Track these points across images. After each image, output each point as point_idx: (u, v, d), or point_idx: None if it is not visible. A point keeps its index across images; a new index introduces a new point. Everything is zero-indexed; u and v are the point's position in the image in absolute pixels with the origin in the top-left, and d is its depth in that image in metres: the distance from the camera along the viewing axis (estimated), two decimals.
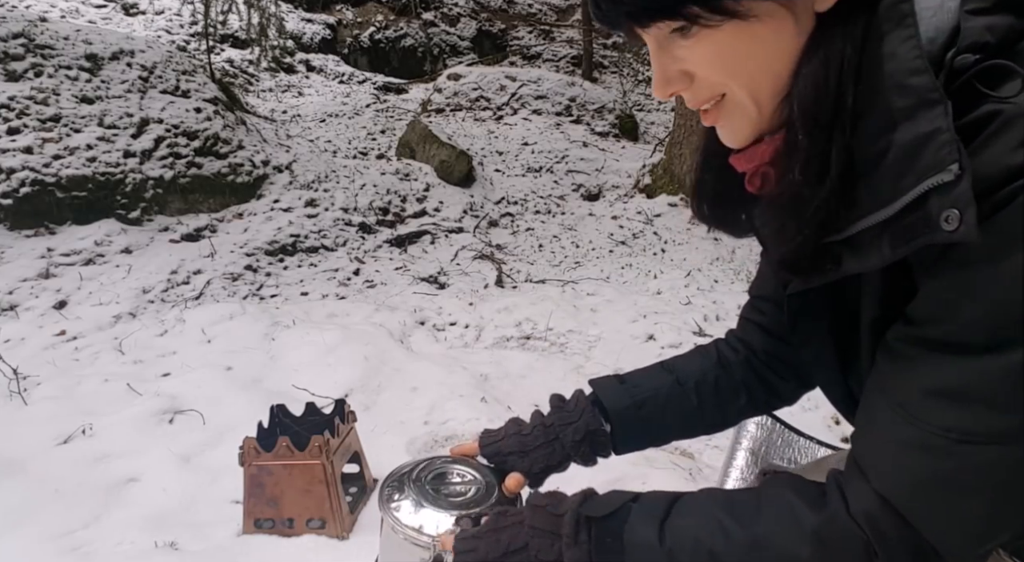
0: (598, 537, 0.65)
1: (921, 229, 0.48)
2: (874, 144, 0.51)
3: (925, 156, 0.47)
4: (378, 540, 0.85)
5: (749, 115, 0.59)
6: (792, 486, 0.62)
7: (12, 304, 3.23)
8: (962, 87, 0.48)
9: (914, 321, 0.53)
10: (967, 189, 0.45)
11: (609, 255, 4.82)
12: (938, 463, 0.51)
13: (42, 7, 7.29)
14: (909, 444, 0.52)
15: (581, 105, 7.81)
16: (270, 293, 3.82)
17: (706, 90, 0.60)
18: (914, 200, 0.48)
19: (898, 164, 0.49)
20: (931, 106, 0.47)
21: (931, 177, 0.47)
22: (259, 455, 1.72)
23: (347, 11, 10.38)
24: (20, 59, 4.03)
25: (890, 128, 0.50)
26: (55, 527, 1.76)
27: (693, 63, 0.58)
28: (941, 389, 0.50)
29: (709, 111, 0.62)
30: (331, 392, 2.44)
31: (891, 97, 0.50)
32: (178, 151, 4.31)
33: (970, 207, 0.45)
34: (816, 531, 0.56)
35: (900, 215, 0.50)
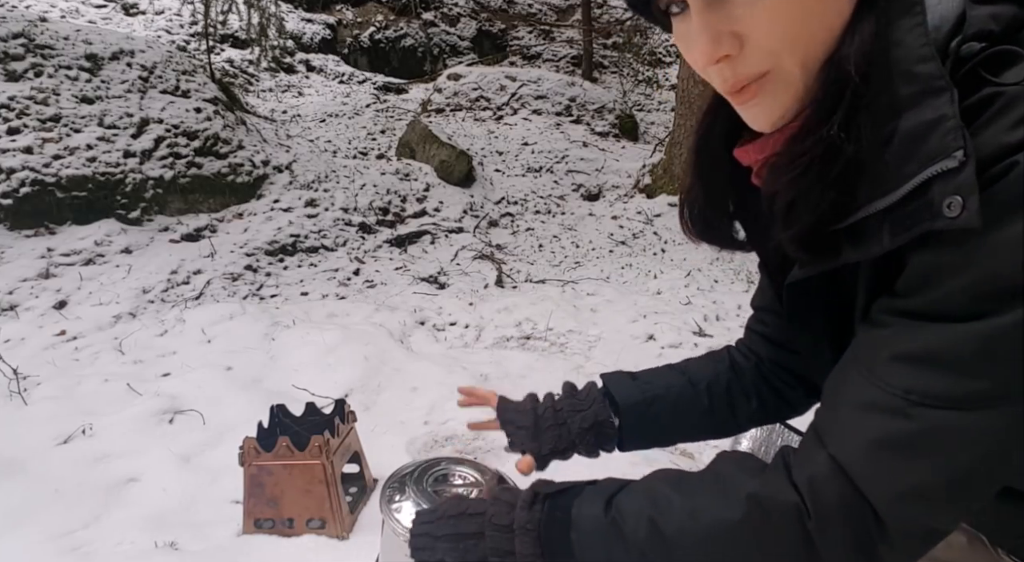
0: (549, 510, 0.66)
1: (923, 216, 0.48)
2: (877, 132, 0.51)
3: (930, 143, 0.47)
4: (378, 540, 0.84)
5: (795, 89, 0.55)
6: (737, 459, 0.63)
7: (12, 304, 3.23)
8: (967, 75, 0.48)
9: (898, 293, 0.53)
10: (971, 175, 0.45)
11: (609, 255, 4.82)
12: (896, 424, 0.50)
13: (42, 7, 7.29)
14: (870, 405, 0.52)
15: (581, 105, 7.81)
16: (270, 293, 3.82)
17: (755, 61, 0.55)
18: (917, 187, 0.48)
19: (902, 151, 0.49)
20: (937, 94, 0.47)
21: (935, 164, 0.47)
22: (259, 455, 1.72)
23: (347, 11, 10.38)
24: (20, 59, 4.03)
25: (895, 115, 0.49)
26: (55, 527, 1.76)
27: (750, 23, 0.53)
28: (909, 353, 0.50)
29: (747, 89, 0.57)
30: (331, 392, 2.44)
31: (897, 84, 0.49)
32: (178, 151, 4.31)
33: (973, 194, 0.45)
34: (750, 495, 0.56)
35: (902, 203, 0.49)
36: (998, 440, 0.48)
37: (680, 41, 0.60)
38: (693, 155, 0.72)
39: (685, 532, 0.59)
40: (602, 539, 0.63)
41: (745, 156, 0.64)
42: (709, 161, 0.70)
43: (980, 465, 0.49)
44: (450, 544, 0.68)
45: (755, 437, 1.28)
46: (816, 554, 0.54)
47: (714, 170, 0.70)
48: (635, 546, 0.61)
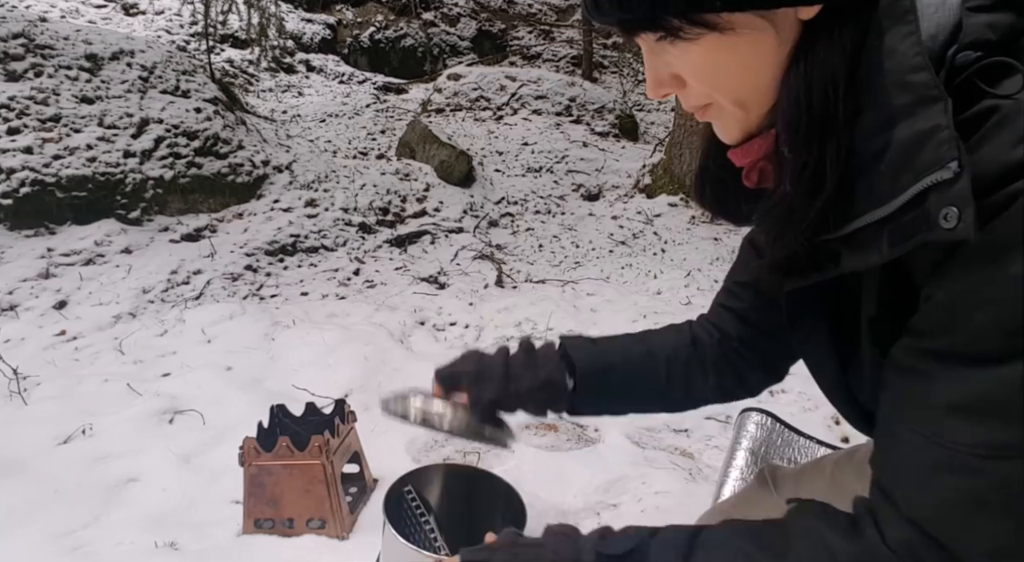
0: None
1: (920, 227, 0.48)
2: (873, 141, 0.51)
3: (924, 153, 0.47)
4: (378, 540, 0.85)
5: (737, 119, 0.61)
6: (823, 516, 0.60)
7: (12, 304, 3.23)
8: (963, 84, 0.48)
9: (922, 333, 0.52)
10: (966, 187, 0.45)
11: (609, 255, 4.82)
12: (969, 482, 0.49)
13: (42, 7, 7.29)
14: (937, 466, 0.50)
15: (581, 105, 7.81)
16: (270, 293, 3.82)
17: (694, 97, 0.61)
18: (913, 198, 0.48)
19: (897, 161, 0.49)
20: (931, 103, 0.47)
21: (930, 175, 0.46)
22: (259, 455, 1.72)
23: (347, 11, 10.38)
24: (20, 59, 4.03)
25: (889, 125, 0.50)
26: (55, 527, 1.76)
27: (683, 70, 0.59)
28: (961, 404, 0.49)
29: (699, 114, 0.63)
30: (331, 392, 2.44)
31: (891, 94, 0.50)
32: (178, 151, 4.31)
33: (969, 206, 0.45)
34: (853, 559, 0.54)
35: (899, 213, 0.49)
36: None
37: None
38: (704, 141, 0.74)
39: None
40: None
41: (735, 158, 0.66)
42: (719, 149, 0.71)
43: None
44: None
45: (755, 437, 1.28)
46: None
47: (724, 157, 0.71)
48: None
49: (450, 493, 1.47)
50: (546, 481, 2.02)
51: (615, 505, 1.94)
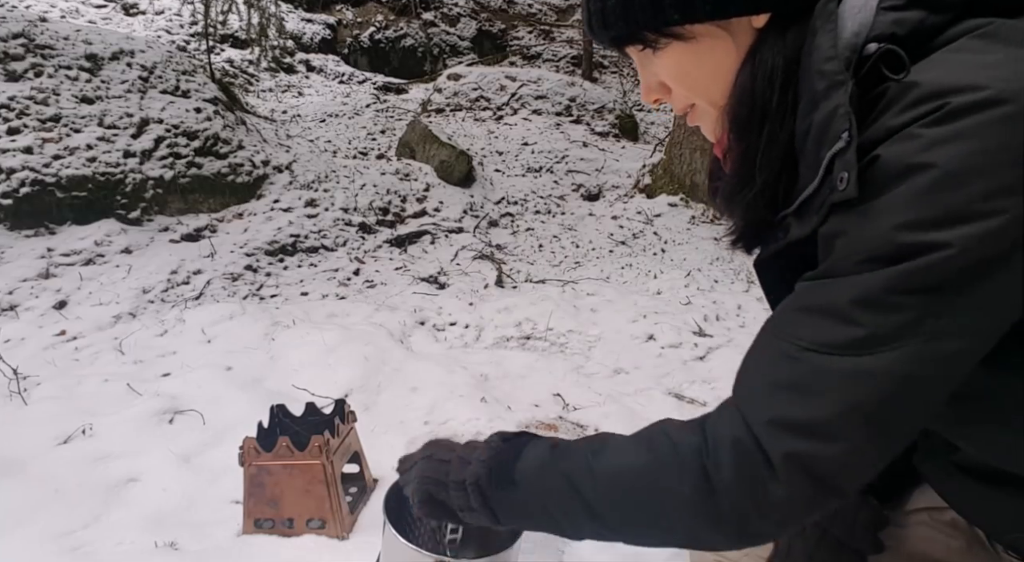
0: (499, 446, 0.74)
1: (827, 192, 0.56)
2: (803, 124, 0.59)
3: (832, 129, 0.55)
4: (378, 540, 0.85)
5: (713, 117, 0.70)
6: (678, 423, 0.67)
7: (12, 304, 3.23)
8: (869, 71, 0.55)
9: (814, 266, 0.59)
10: (853, 153, 0.53)
11: (609, 255, 4.82)
12: (784, 365, 0.56)
13: (42, 7, 7.29)
14: (768, 355, 0.59)
15: (581, 105, 7.82)
16: (270, 293, 3.82)
17: (679, 100, 0.71)
18: (825, 168, 0.56)
19: (816, 138, 0.57)
20: (838, 87, 0.55)
21: (833, 146, 0.55)
22: (259, 455, 1.72)
23: (347, 11, 10.38)
24: (20, 59, 4.03)
25: (813, 108, 0.58)
26: (55, 527, 1.76)
27: (663, 76, 0.70)
28: (804, 306, 0.57)
29: (687, 116, 0.74)
30: (331, 392, 2.44)
31: (814, 82, 0.58)
32: (178, 151, 4.31)
33: (854, 168, 0.53)
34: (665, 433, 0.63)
35: (822, 182, 0.57)
36: (878, 386, 0.52)
37: None
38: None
39: (616, 467, 0.64)
40: (539, 469, 0.68)
41: (716, 149, 0.76)
42: None
43: (860, 408, 0.53)
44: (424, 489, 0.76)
45: None
46: (712, 491, 0.57)
47: None
48: (566, 478, 0.66)
49: None
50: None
51: None
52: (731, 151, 0.67)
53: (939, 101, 0.50)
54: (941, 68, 0.52)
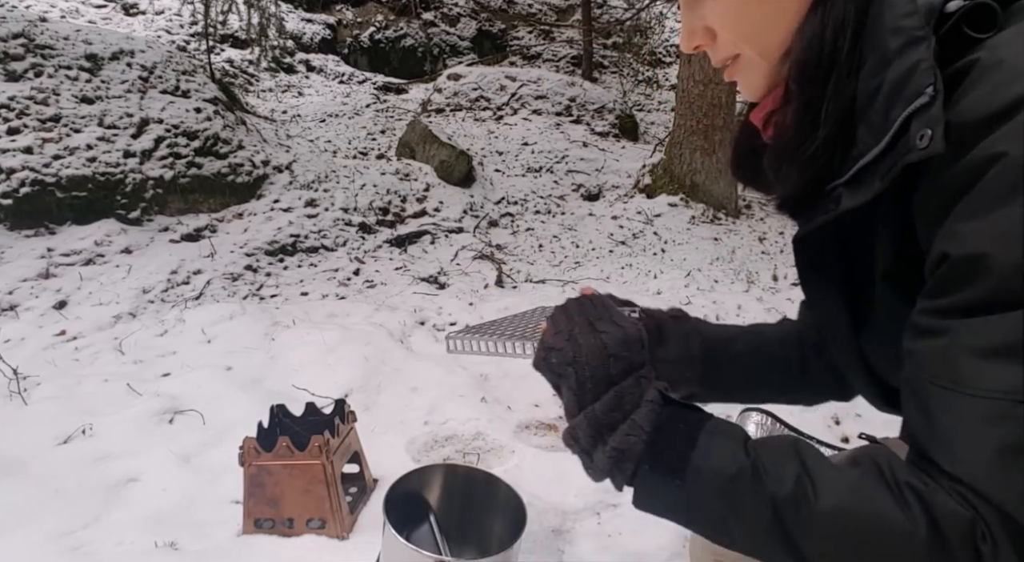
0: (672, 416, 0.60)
1: (902, 152, 0.52)
2: (870, 83, 0.56)
3: (910, 86, 0.52)
4: (378, 540, 0.85)
5: (761, 71, 0.66)
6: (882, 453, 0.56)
7: (12, 304, 3.23)
8: (951, 30, 0.53)
9: (938, 292, 0.51)
10: (939, 108, 0.49)
11: (609, 255, 4.82)
12: (1007, 429, 0.47)
13: (42, 7, 7.29)
14: (973, 419, 0.48)
15: (581, 105, 7.81)
16: (270, 293, 3.82)
17: (724, 49, 0.67)
18: (899, 128, 0.52)
19: (888, 98, 0.54)
20: (918, 43, 0.53)
21: (913, 103, 0.51)
22: (259, 455, 1.72)
23: (347, 11, 10.38)
24: (20, 59, 4.03)
25: (884, 67, 0.55)
26: (55, 527, 1.76)
27: (715, 22, 0.65)
28: (988, 349, 0.47)
29: (727, 69, 0.69)
30: (331, 392, 2.44)
31: (887, 40, 0.55)
32: (178, 151, 4.31)
33: (939, 124, 0.49)
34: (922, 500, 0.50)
35: (890, 145, 0.53)
36: None
37: None
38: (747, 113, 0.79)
39: (841, 511, 0.52)
40: (730, 479, 0.56)
41: (754, 117, 0.72)
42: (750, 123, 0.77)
43: None
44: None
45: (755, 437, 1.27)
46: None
47: (752, 127, 0.76)
48: (769, 501, 0.54)
49: (450, 493, 1.47)
50: (546, 481, 2.02)
51: (615, 505, 1.94)
52: (789, 104, 0.62)
53: None
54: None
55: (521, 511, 1.31)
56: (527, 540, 1.70)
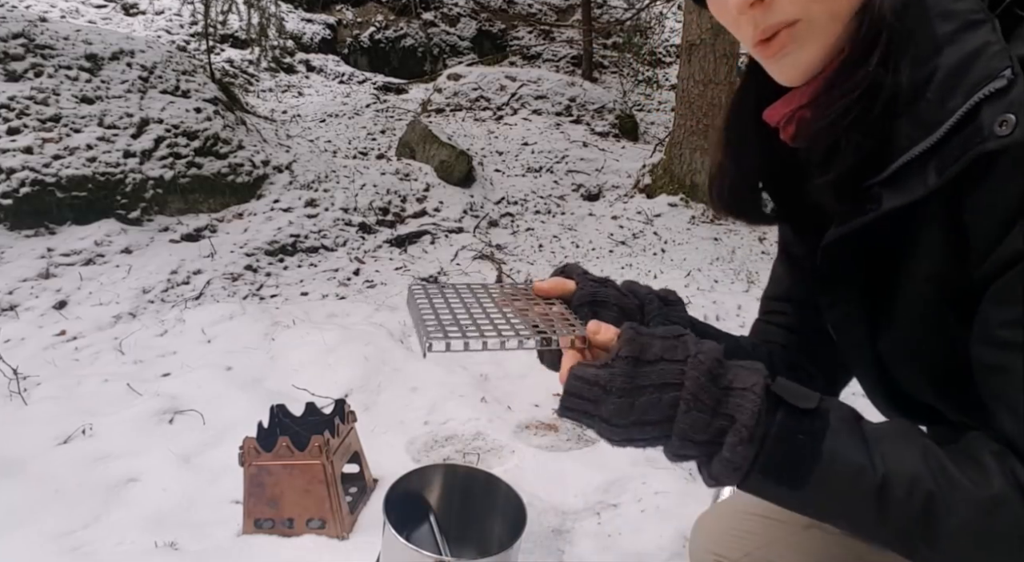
0: (790, 427, 0.52)
1: (972, 142, 0.46)
2: (917, 73, 0.51)
3: (975, 71, 0.47)
4: (378, 540, 0.85)
5: (824, 38, 0.55)
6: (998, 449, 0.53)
7: (12, 304, 3.23)
8: (1004, 13, 0.49)
9: (1017, 297, 0.48)
10: (1022, 92, 0.45)
11: (609, 255, 4.82)
12: None
13: (42, 7, 7.29)
14: None
15: (581, 105, 7.81)
16: (270, 293, 3.82)
17: (786, 8, 0.54)
18: (963, 117, 0.47)
19: (944, 86, 0.49)
20: (976, 26, 0.48)
21: (983, 88, 0.46)
22: (259, 455, 1.72)
23: (347, 11, 10.38)
24: (20, 59, 4.03)
25: (935, 54, 0.50)
26: (55, 527, 1.76)
27: None
28: None
29: (776, 38, 0.57)
30: (331, 392, 2.44)
31: (935, 25, 0.50)
32: (178, 151, 4.31)
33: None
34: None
35: (946, 138, 0.48)
36: None
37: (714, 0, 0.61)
38: (723, 131, 0.72)
39: (971, 530, 0.49)
40: (858, 493, 0.51)
41: (773, 114, 0.64)
42: (739, 134, 0.71)
43: None
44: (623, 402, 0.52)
45: None
46: None
47: (743, 143, 0.70)
48: (898, 517, 0.51)
49: (450, 493, 1.47)
50: (546, 481, 2.02)
51: (615, 505, 1.94)
52: (869, 49, 0.53)
53: None
54: None
55: (521, 511, 1.31)
56: (527, 540, 1.70)
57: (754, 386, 0.52)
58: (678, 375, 0.52)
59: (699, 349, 0.53)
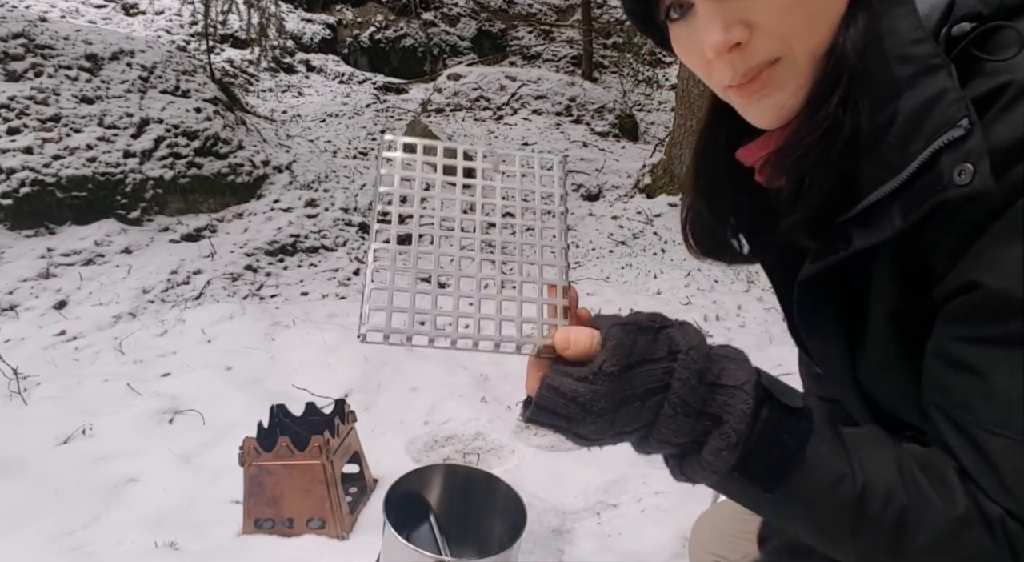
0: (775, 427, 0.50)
1: (933, 190, 0.47)
2: (877, 117, 0.51)
3: (933, 118, 0.48)
4: (378, 540, 0.85)
5: (803, 78, 0.55)
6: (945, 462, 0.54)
7: (12, 304, 3.23)
8: (960, 55, 0.49)
9: (968, 320, 0.50)
10: (979, 142, 0.46)
11: (609, 255, 4.82)
12: None
13: (42, 7, 7.29)
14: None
15: (581, 105, 7.81)
16: (270, 293, 3.82)
17: (766, 48, 0.54)
18: (923, 163, 0.48)
19: (904, 131, 0.50)
20: (934, 71, 0.49)
21: (941, 136, 0.47)
22: (259, 455, 1.72)
23: (347, 11, 10.38)
24: (20, 59, 4.03)
25: (894, 98, 0.50)
26: (55, 527, 1.76)
27: (759, 11, 0.53)
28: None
29: (757, 79, 0.55)
30: (331, 392, 2.44)
31: (893, 69, 0.51)
32: (178, 151, 4.31)
33: (983, 159, 0.45)
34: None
35: (910, 181, 0.49)
36: None
37: (683, 44, 0.60)
38: (693, 172, 0.72)
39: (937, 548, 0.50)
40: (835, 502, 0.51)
41: (748, 155, 0.63)
42: (710, 175, 0.70)
43: None
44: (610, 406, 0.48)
45: None
46: None
47: (716, 184, 0.70)
48: (871, 529, 0.51)
49: (450, 493, 1.47)
50: (546, 481, 2.02)
51: (615, 505, 1.94)
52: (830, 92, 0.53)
53: None
54: None
55: (521, 511, 1.31)
56: (527, 540, 1.70)
57: (744, 385, 0.49)
58: (663, 376, 0.48)
59: (688, 343, 0.49)
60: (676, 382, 0.48)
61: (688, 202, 0.73)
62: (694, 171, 0.72)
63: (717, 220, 0.72)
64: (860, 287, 0.59)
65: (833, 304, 0.63)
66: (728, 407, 0.49)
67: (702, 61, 0.57)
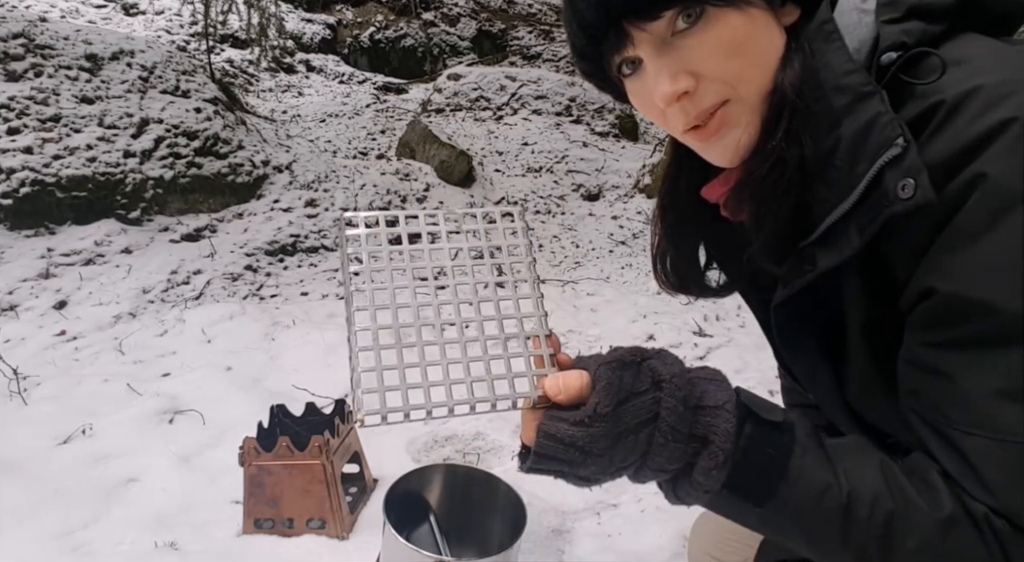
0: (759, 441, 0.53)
1: (881, 205, 0.51)
2: (821, 145, 0.55)
3: (872, 140, 0.51)
4: (378, 540, 0.85)
5: (756, 114, 0.58)
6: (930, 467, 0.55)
7: (12, 304, 3.23)
8: (890, 81, 0.53)
9: (932, 326, 0.51)
10: (915, 158, 0.49)
11: (609, 255, 4.82)
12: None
13: (42, 7, 7.29)
14: (1014, 465, 0.48)
15: (581, 105, 7.81)
16: (270, 293, 3.82)
17: (713, 92, 0.57)
18: (870, 182, 0.51)
19: (849, 154, 0.53)
20: (868, 98, 0.52)
21: (882, 155, 0.50)
22: (259, 455, 1.72)
23: (347, 11, 10.38)
24: (20, 59, 4.03)
25: (835, 126, 0.54)
26: (55, 527, 1.76)
27: (702, 57, 0.56)
28: (1007, 390, 0.47)
29: (710, 124, 0.59)
30: (331, 392, 2.44)
31: (831, 99, 0.54)
32: (178, 151, 4.31)
33: (921, 172, 0.48)
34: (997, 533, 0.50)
35: (861, 201, 0.52)
36: None
37: (637, 96, 0.64)
38: (659, 211, 0.75)
39: (926, 550, 0.51)
40: (823, 512, 0.52)
41: (711, 192, 0.67)
42: (676, 214, 0.74)
43: None
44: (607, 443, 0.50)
45: None
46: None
47: (682, 222, 0.74)
48: (859, 537, 0.52)
49: (450, 493, 1.47)
50: (546, 481, 2.01)
51: (615, 505, 1.94)
52: (775, 126, 0.57)
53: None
54: (979, 74, 0.49)
55: (521, 511, 1.31)
56: (527, 540, 1.70)
57: (726, 404, 0.53)
58: (652, 406, 0.51)
59: (670, 371, 0.52)
60: (664, 410, 0.51)
61: (657, 240, 0.77)
62: (660, 210, 0.75)
63: (684, 257, 0.76)
64: (834, 308, 0.61)
65: (812, 326, 0.65)
66: (712, 427, 0.52)
67: (656, 110, 0.61)
